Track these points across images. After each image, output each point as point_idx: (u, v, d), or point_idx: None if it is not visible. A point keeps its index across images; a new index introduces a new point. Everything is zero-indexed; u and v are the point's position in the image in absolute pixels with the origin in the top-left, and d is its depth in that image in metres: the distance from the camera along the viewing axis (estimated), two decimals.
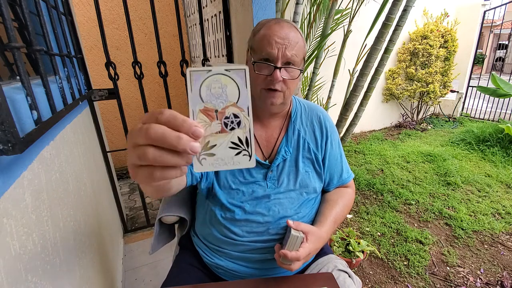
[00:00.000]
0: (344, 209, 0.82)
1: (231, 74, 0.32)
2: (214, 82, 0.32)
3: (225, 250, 0.77)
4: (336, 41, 2.66)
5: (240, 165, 0.34)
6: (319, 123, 0.83)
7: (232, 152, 0.33)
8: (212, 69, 0.32)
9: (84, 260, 0.88)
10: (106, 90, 1.50)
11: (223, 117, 0.33)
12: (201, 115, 0.32)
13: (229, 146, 0.33)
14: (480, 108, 4.63)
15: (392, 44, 1.61)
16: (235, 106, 0.33)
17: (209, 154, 0.33)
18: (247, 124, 0.33)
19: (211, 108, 0.32)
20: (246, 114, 0.33)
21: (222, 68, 0.32)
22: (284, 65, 0.67)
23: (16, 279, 0.46)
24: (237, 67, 0.32)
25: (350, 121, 1.90)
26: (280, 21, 0.70)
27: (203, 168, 0.33)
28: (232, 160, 0.33)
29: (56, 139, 0.78)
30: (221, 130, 0.33)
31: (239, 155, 0.34)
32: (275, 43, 0.66)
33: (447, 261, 1.69)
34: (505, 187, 2.53)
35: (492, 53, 13.80)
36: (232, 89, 0.32)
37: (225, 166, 0.33)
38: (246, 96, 0.33)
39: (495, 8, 4.34)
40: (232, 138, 0.33)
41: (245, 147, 0.34)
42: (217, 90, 0.32)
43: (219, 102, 0.32)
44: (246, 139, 0.34)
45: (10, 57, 0.56)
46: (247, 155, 0.34)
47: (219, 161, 0.33)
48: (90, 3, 2.47)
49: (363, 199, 2.40)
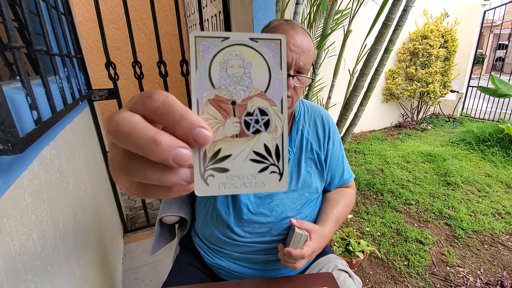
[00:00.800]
0: (346, 209, 0.82)
1: (259, 46, 0.22)
2: (233, 57, 0.22)
3: (226, 251, 0.77)
4: (336, 41, 2.66)
5: (265, 187, 0.23)
6: (321, 123, 0.83)
7: (255, 167, 0.23)
8: (231, 37, 0.22)
9: (84, 260, 0.88)
10: (106, 90, 1.50)
11: (244, 113, 0.23)
12: (211, 107, 0.22)
13: (250, 158, 0.23)
14: (480, 108, 4.64)
15: (392, 44, 1.61)
16: (262, 97, 0.23)
17: (219, 169, 0.22)
18: (280, 126, 0.23)
19: (226, 99, 0.22)
20: (278, 111, 0.23)
21: (245, 36, 0.22)
22: (296, 73, 0.68)
23: (16, 279, 0.46)
24: (269, 37, 0.22)
25: (350, 121, 1.89)
26: (294, 26, 0.69)
27: (210, 190, 0.22)
28: (254, 180, 0.23)
29: (56, 139, 0.78)
30: (240, 133, 0.23)
31: (265, 172, 0.23)
32: (290, 51, 0.65)
33: (447, 261, 1.69)
34: (505, 187, 2.53)
35: (492, 53, 13.80)
36: (260, 71, 0.23)
37: (243, 188, 0.23)
38: (280, 83, 0.23)
39: (495, 8, 4.34)
40: (255, 145, 0.23)
41: (274, 161, 0.23)
42: (236, 70, 0.22)
43: (239, 89, 0.23)
44: (276, 148, 0.23)
45: (10, 57, 0.56)
46: (277, 173, 0.23)
47: (235, 180, 0.23)
48: (90, 3, 2.47)
49: (363, 199, 2.40)
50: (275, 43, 0.22)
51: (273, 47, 0.22)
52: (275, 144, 0.23)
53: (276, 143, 0.23)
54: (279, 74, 0.23)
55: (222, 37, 0.22)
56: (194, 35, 0.21)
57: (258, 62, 0.22)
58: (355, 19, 2.24)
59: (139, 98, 0.20)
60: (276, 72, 0.23)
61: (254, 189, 0.23)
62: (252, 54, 0.22)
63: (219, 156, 0.22)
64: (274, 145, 0.23)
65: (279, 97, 0.23)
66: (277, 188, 0.23)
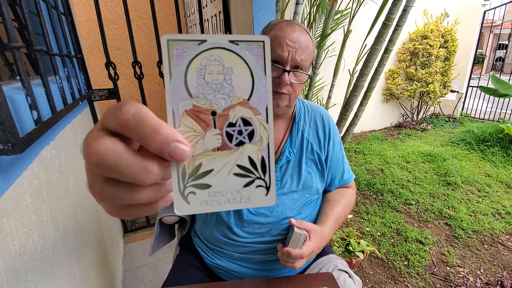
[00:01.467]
0: (345, 209, 0.82)
1: (240, 49, 0.20)
2: (211, 62, 0.20)
3: (226, 251, 0.77)
4: (336, 41, 2.66)
5: (251, 202, 0.22)
6: (322, 123, 0.83)
7: (239, 181, 0.22)
8: (208, 39, 0.20)
9: (84, 260, 0.88)
10: (106, 90, 1.50)
11: (226, 124, 0.21)
12: (188, 119, 0.20)
13: (234, 172, 0.21)
14: (480, 108, 4.64)
15: (392, 44, 1.61)
16: (245, 105, 0.21)
17: (200, 185, 0.21)
18: (265, 136, 0.21)
19: (205, 109, 0.20)
20: (263, 120, 0.21)
21: (225, 39, 0.20)
22: (292, 69, 0.67)
23: (16, 279, 0.46)
24: (250, 38, 0.20)
25: (350, 121, 1.89)
26: (292, 24, 0.69)
27: (191, 209, 0.21)
28: (239, 195, 0.22)
29: (56, 139, 0.78)
30: (222, 146, 0.21)
31: (250, 186, 0.22)
32: (286, 45, 0.65)
33: (447, 261, 1.69)
34: (505, 187, 2.53)
35: (492, 53, 13.80)
36: (242, 77, 0.21)
37: (227, 205, 0.21)
38: (265, 90, 0.21)
39: (495, 8, 4.34)
40: (239, 159, 0.21)
41: (260, 174, 0.22)
42: (215, 76, 0.20)
43: (219, 98, 0.21)
44: (262, 161, 0.22)
45: (10, 57, 0.56)
46: (263, 187, 0.22)
47: (218, 197, 0.21)
48: (90, 3, 2.47)
49: (363, 199, 2.40)
50: (257, 45, 0.20)
51: (255, 50, 0.20)
52: (261, 156, 0.22)
53: (261, 155, 0.22)
54: (263, 80, 0.21)
55: (198, 40, 0.20)
56: (166, 38, 0.19)
57: (240, 67, 0.20)
58: (355, 19, 2.24)
59: (111, 111, 0.18)
60: (260, 77, 0.21)
61: (239, 205, 0.22)
62: (232, 59, 0.20)
63: (200, 171, 0.21)
64: (259, 157, 0.22)
65: (263, 105, 0.21)
66: (264, 203, 0.22)
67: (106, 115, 0.19)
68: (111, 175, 0.18)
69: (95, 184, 0.19)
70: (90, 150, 0.17)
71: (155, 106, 3.01)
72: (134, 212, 0.20)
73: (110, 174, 0.18)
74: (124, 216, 0.21)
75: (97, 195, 0.19)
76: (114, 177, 0.18)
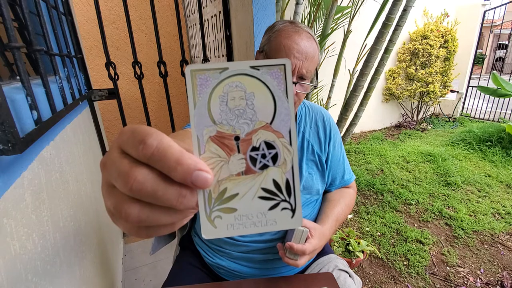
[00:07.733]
0: (346, 209, 0.82)
1: (261, 74, 0.21)
2: (233, 89, 0.21)
3: (226, 250, 0.77)
4: (336, 41, 2.66)
5: (277, 225, 0.22)
6: (322, 124, 0.83)
7: (265, 205, 0.22)
8: (230, 67, 0.20)
9: (84, 260, 0.87)
10: (106, 90, 1.50)
11: (249, 148, 0.21)
12: (213, 145, 0.21)
13: (259, 195, 0.22)
14: (480, 108, 4.64)
15: (392, 44, 1.61)
16: (268, 129, 0.21)
17: (226, 209, 0.21)
18: (289, 159, 0.22)
19: (228, 134, 0.21)
20: (286, 142, 0.22)
21: (246, 65, 0.21)
22: (298, 80, 0.67)
23: (16, 279, 0.46)
24: (271, 63, 0.21)
25: (350, 121, 1.90)
26: (299, 29, 0.67)
27: (218, 233, 0.21)
28: (264, 218, 0.22)
29: (56, 139, 0.78)
30: (246, 170, 0.21)
31: (275, 209, 0.22)
32: (294, 57, 0.64)
33: (447, 261, 1.69)
34: (505, 187, 2.53)
35: (492, 53, 13.80)
36: (264, 101, 0.21)
37: (253, 228, 0.22)
38: (287, 112, 0.21)
39: (495, 8, 4.34)
40: (264, 182, 0.22)
41: (286, 197, 0.22)
42: (238, 102, 0.21)
43: (242, 123, 0.21)
44: (287, 183, 0.22)
45: (10, 57, 0.56)
46: (289, 209, 0.22)
47: (244, 220, 0.21)
48: (90, 3, 2.47)
49: (363, 199, 2.40)
50: (278, 69, 0.21)
51: (276, 73, 0.21)
52: (285, 178, 0.22)
53: (286, 178, 0.22)
54: (285, 103, 0.21)
55: (220, 68, 0.20)
56: (190, 69, 0.20)
57: (261, 91, 0.21)
58: (355, 19, 2.24)
59: (131, 141, 0.19)
60: (282, 101, 0.21)
61: (265, 228, 0.22)
62: (254, 84, 0.21)
63: (225, 195, 0.21)
64: (284, 180, 0.22)
65: (286, 128, 0.21)
66: (290, 225, 0.22)
67: (123, 141, 0.19)
68: (148, 200, 0.19)
69: (121, 207, 0.19)
70: (130, 179, 0.18)
71: (155, 106, 3.01)
72: (152, 232, 0.21)
73: (147, 199, 0.19)
74: (141, 235, 0.21)
75: (121, 217, 0.20)
76: (150, 201, 0.19)
